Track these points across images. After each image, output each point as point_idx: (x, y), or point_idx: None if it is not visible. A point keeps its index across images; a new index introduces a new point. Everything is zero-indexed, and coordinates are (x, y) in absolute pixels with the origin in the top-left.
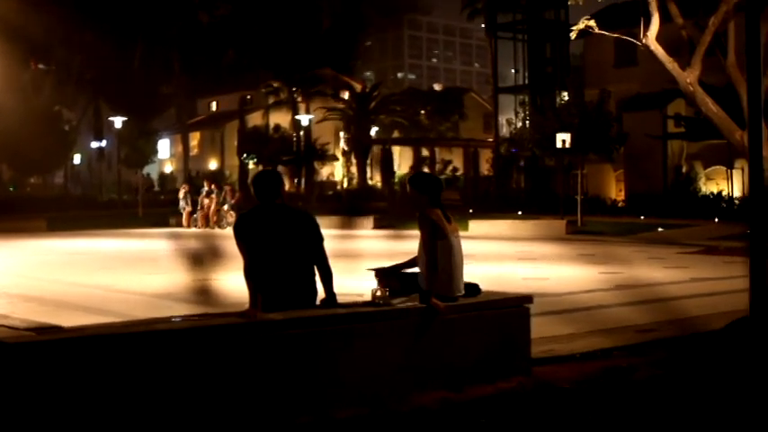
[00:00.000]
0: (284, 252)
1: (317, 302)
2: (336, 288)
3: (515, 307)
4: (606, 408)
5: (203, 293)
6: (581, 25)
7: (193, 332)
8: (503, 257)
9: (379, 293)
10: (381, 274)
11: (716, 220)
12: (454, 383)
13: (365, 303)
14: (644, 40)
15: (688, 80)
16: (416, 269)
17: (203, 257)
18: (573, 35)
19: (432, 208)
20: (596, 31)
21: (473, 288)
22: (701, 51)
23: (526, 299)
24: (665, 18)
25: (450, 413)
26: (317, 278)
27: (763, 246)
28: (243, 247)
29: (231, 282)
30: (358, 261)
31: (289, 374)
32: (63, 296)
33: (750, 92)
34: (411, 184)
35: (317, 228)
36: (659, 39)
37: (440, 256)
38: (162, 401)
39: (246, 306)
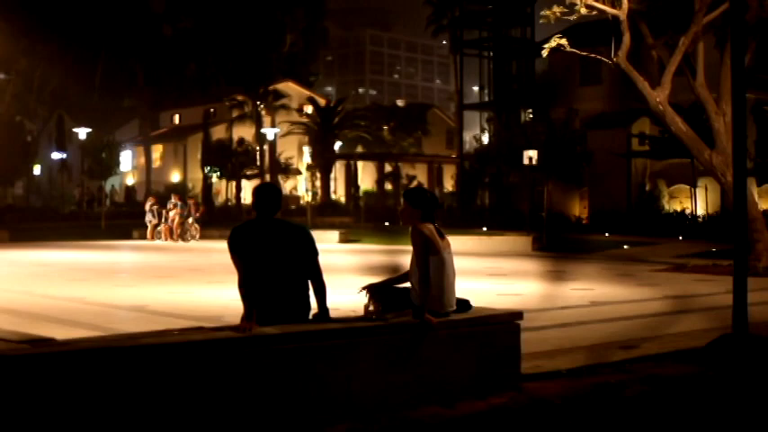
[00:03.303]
0: (278, 266)
1: (310, 317)
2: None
3: (506, 323)
4: (599, 424)
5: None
6: (552, 43)
7: (189, 346)
8: (473, 273)
9: (371, 309)
10: (373, 289)
11: (680, 237)
12: (446, 399)
13: (358, 318)
14: (615, 59)
15: (658, 99)
16: (408, 284)
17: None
18: (545, 53)
19: (424, 223)
20: (568, 49)
21: (464, 303)
22: (670, 71)
23: (516, 315)
24: (636, 38)
25: (444, 429)
26: (311, 292)
27: (746, 265)
28: (237, 260)
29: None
30: (334, 275)
31: (283, 389)
32: (36, 308)
33: (735, 112)
34: (405, 198)
35: (312, 242)
36: (628, 58)
37: (432, 271)
38: (156, 415)
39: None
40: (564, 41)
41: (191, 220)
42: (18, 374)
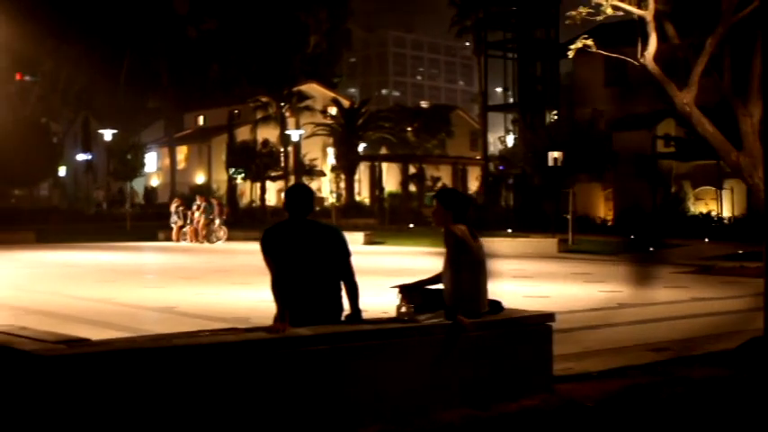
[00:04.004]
0: (311, 267)
1: (342, 318)
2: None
3: (538, 324)
4: (633, 427)
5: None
6: (578, 44)
7: (223, 347)
8: (498, 275)
9: (404, 310)
10: (405, 290)
11: (706, 240)
12: (479, 400)
13: (391, 320)
14: (641, 60)
15: (685, 101)
16: (440, 285)
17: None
18: (571, 54)
19: (456, 224)
20: (594, 50)
21: (496, 305)
22: (697, 72)
23: (548, 316)
24: (662, 38)
25: (477, 430)
26: (343, 293)
27: None
28: (270, 262)
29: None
30: (365, 277)
31: (315, 391)
32: (66, 309)
33: (766, 112)
34: (438, 199)
35: (344, 243)
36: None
37: (465, 272)
38: (189, 416)
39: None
40: (590, 42)
41: (217, 221)
42: (55, 375)
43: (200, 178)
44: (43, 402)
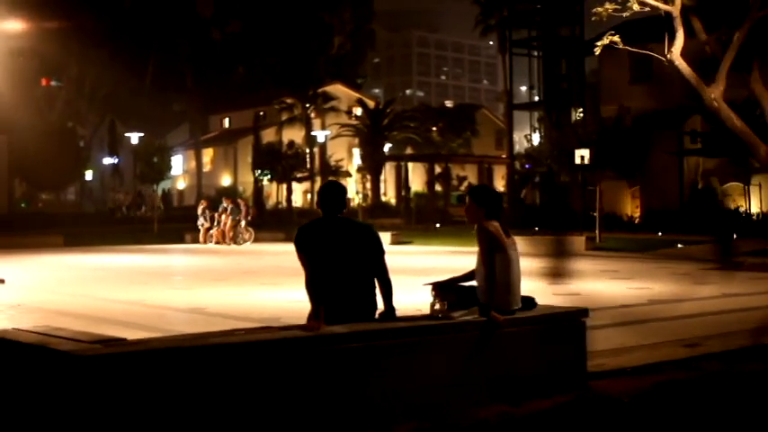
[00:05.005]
0: (345, 264)
1: (376, 316)
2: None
3: (572, 320)
4: (669, 423)
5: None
6: (605, 41)
7: (259, 345)
8: (526, 273)
9: (437, 307)
10: (438, 287)
11: (734, 236)
12: (513, 397)
13: (425, 317)
14: (669, 56)
15: (713, 96)
16: (473, 282)
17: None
18: (597, 51)
19: (489, 221)
20: (621, 46)
21: (529, 301)
22: (725, 67)
23: (582, 312)
24: (689, 34)
25: (511, 427)
26: (377, 291)
27: None
28: (304, 259)
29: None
30: (398, 276)
31: (350, 388)
32: (97, 311)
33: None
34: (470, 196)
35: (378, 241)
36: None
37: (498, 268)
38: (224, 414)
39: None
40: (617, 38)
41: (243, 223)
42: (92, 374)
43: (226, 180)
44: (80, 402)
